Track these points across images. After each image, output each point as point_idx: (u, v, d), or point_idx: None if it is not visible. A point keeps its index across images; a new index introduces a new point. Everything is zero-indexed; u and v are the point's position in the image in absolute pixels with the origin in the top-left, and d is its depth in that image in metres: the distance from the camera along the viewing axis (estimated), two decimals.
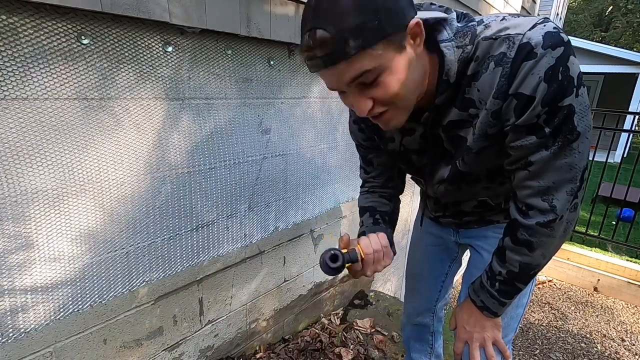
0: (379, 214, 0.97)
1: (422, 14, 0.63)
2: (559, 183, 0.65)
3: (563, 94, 0.58)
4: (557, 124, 0.60)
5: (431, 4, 0.71)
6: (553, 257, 3.00)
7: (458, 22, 0.67)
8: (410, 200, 2.59)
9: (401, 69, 0.59)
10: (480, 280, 0.84)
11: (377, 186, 1.03)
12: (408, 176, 1.03)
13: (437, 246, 1.16)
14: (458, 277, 2.37)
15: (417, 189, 2.59)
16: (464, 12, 0.69)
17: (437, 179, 0.86)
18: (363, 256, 0.77)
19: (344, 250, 0.77)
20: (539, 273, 0.96)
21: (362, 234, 0.93)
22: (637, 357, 2.45)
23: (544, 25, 0.59)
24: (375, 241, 0.80)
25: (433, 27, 0.65)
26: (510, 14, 0.65)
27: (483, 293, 0.82)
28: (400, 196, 1.07)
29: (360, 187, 1.06)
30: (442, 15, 0.64)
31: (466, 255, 1.13)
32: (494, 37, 0.62)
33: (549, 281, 3.40)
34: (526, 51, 0.58)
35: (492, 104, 0.64)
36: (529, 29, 0.59)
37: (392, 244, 0.90)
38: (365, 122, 0.91)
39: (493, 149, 0.71)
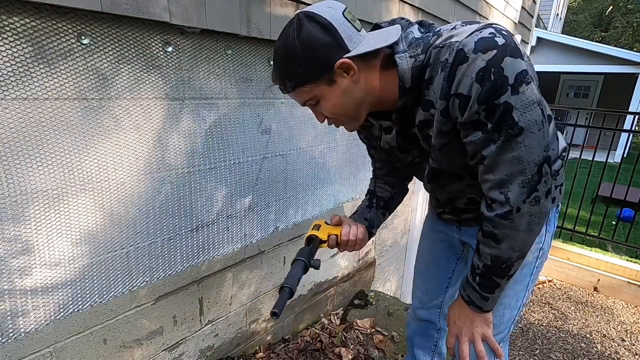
0: (376, 198, 1.13)
1: (378, 38, 0.75)
2: (510, 176, 0.71)
3: (497, 92, 0.65)
4: (496, 119, 0.67)
5: (402, 18, 0.82)
6: (553, 257, 2.99)
7: (421, 31, 0.77)
8: (410, 202, 2.59)
9: (334, 97, 0.76)
10: (466, 276, 0.88)
11: (382, 174, 1.15)
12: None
13: (443, 242, 1.18)
14: None
15: (416, 190, 2.59)
16: (430, 22, 0.80)
17: (426, 178, 0.94)
18: (340, 240, 0.99)
19: (327, 232, 0.99)
20: (539, 273, 0.97)
21: (354, 212, 1.13)
22: (637, 357, 2.45)
23: (480, 32, 0.66)
24: (354, 232, 1.00)
25: (392, 46, 0.75)
26: (463, 22, 0.73)
27: (468, 287, 0.87)
28: (409, 184, 1.17)
29: (372, 171, 1.20)
30: (394, 39, 0.74)
31: None
32: (441, 45, 0.70)
33: (549, 281, 3.39)
34: (461, 56, 0.66)
35: (439, 104, 0.72)
36: (466, 37, 0.67)
37: (374, 226, 1.09)
38: None
39: (454, 146, 0.78)
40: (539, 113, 0.68)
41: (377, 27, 0.82)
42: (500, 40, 0.64)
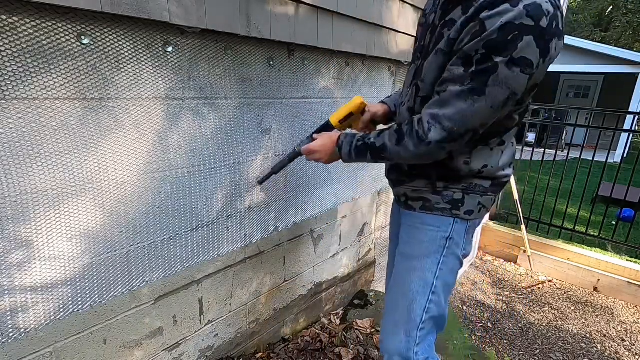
0: None
1: None
2: (446, 118, 0.78)
3: (500, 50, 0.70)
4: (479, 70, 0.72)
5: None
6: (553, 257, 3.01)
7: None
8: None
9: None
10: (361, 135, 1.02)
11: None
12: None
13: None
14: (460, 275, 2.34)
15: None
16: None
17: (412, 77, 1.01)
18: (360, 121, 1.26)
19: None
20: (539, 272, 0.97)
21: (390, 96, 1.28)
22: (637, 357, 2.45)
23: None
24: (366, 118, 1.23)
25: None
26: None
27: (351, 139, 1.03)
28: None
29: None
30: None
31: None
32: None
33: (549, 281, 3.39)
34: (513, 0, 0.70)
35: (470, 12, 0.76)
36: None
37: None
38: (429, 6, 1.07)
39: (438, 57, 0.83)
40: (505, 98, 0.72)
41: None
42: (543, 22, 0.69)
